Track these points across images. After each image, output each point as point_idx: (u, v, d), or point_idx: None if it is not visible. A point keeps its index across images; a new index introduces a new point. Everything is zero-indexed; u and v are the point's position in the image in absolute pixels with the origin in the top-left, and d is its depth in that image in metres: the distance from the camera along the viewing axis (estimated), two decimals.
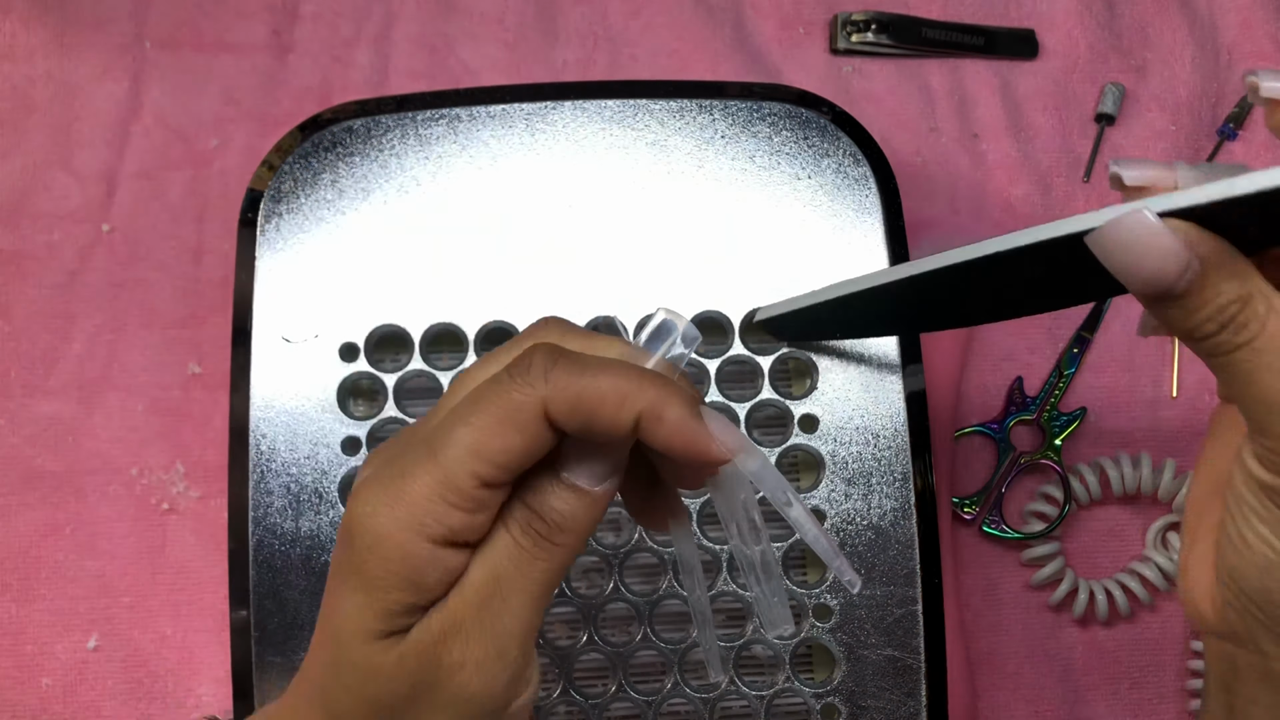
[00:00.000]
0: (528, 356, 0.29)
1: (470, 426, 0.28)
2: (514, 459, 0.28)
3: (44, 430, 0.51)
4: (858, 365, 0.45)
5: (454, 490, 0.28)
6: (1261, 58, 0.57)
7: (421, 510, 0.28)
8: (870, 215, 0.46)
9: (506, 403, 0.28)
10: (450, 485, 0.28)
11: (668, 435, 0.29)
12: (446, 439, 0.29)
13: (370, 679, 0.30)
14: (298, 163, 0.46)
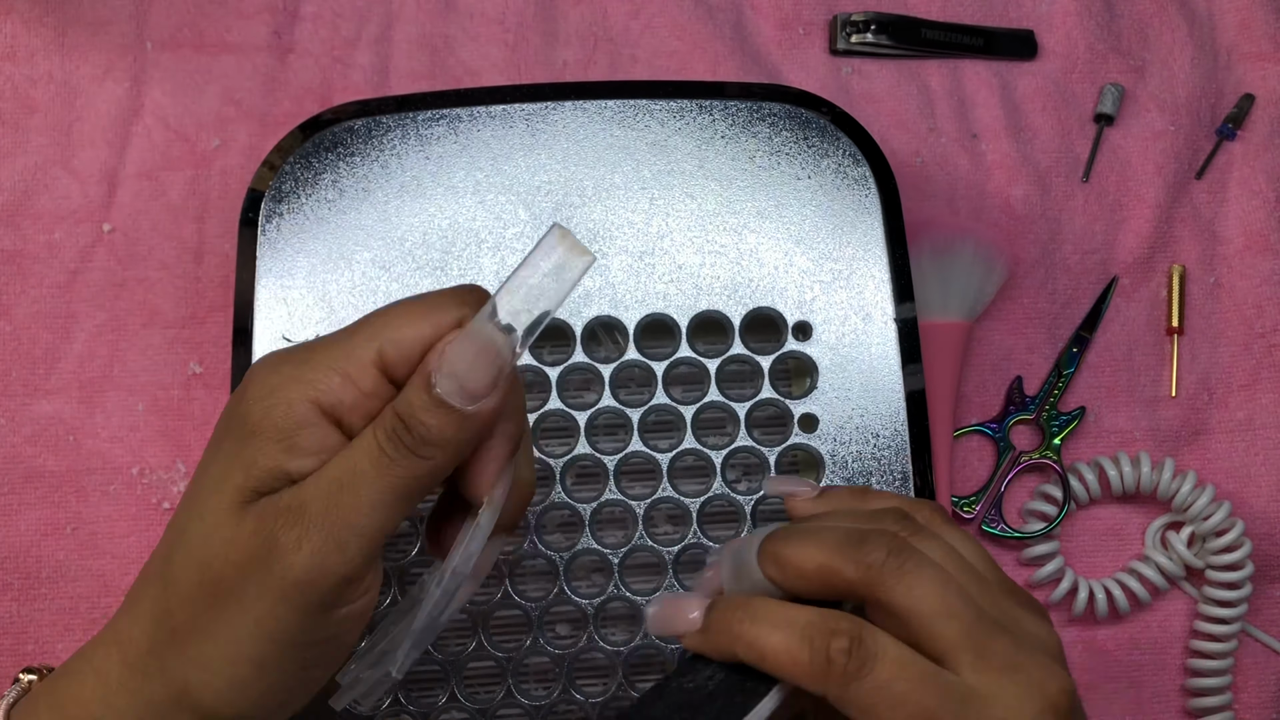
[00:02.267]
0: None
1: (383, 314, 0.30)
2: (417, 348, 0.29)
3: (45, 430, 0.51)
4: (858, 365, 0.45)
5: (354, 362, 0.29)
6: (1260, 58, 0.58)
7: (317, 375, 0.29)
8: (870, 215, 0.46)
9: (425, 301, 0.30)
10: (351, 357, 0.29)
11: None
12: (358, 323, 0.30)
13: (209, 541, 0.29)
14: (298, 163, 0.46)
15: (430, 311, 0.30)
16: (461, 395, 0.29)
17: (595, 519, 0.44)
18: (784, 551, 0.32)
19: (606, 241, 0.46)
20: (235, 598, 0.29)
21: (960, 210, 0.55)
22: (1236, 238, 0.56)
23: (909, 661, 0.29)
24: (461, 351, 0.29)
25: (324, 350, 0.30)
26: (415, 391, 0.29)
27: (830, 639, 0.29)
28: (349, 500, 0.29)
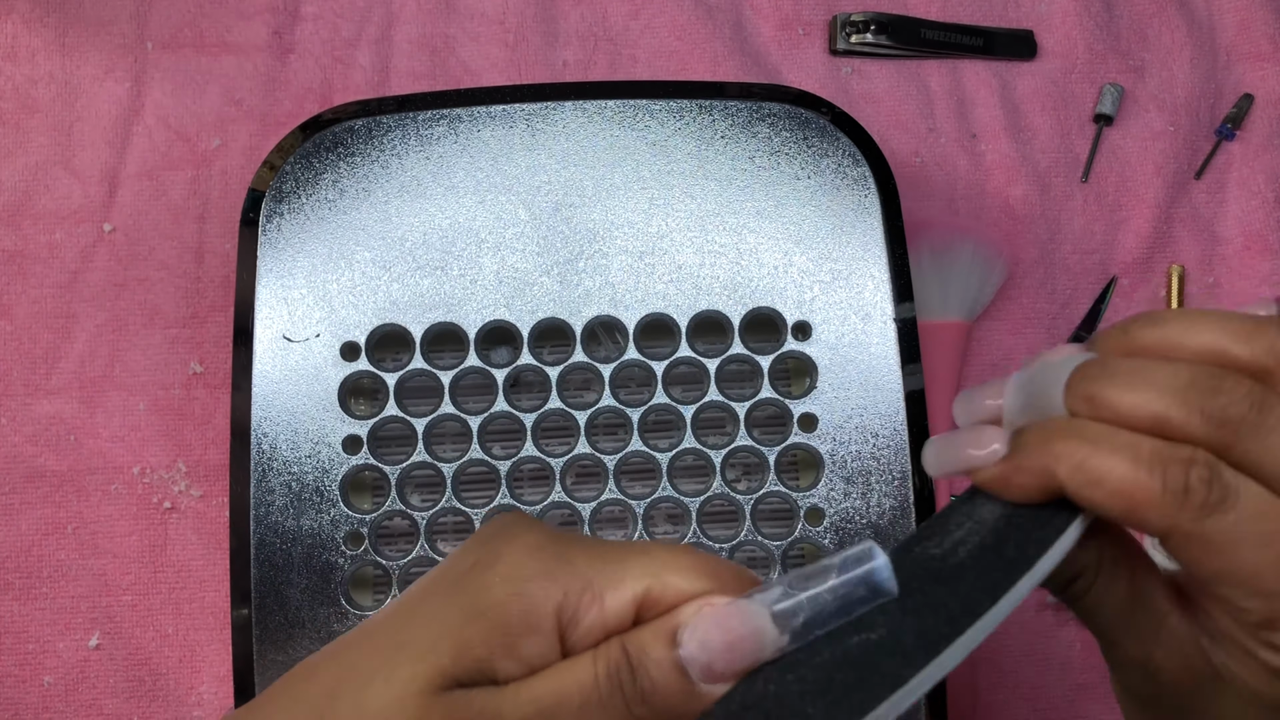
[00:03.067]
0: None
1: (667, 554, 0.27)
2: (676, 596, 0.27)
3: (46, 429, 0.51)
4: (857, 365, 0.45)
5: (617, 589, 0.26)
6: (1260, 58, 0.58)
7: (573, 583, 0.27)
8: (869, 215, 0.46)
9: (717, 563, 0.27)
10: (617, 583, 0.26)
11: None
12: (634, 550, 0.27)
13: (387, 711, 0.26)
14: (299, 163, 0.46)
15: (718, 575, 0.27)
16: (704, 671, 0.26)
17: (595, 519, 0.44)
18: (1106, 393, 0.26)
19: (606, 241, 0.46)
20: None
21: (960, 210, 0.55)
22: (1235, 238, 0.56)
23: (1275, 500, 0.25)
24: (726, 626, 0.26)
25: (589, 559, 0.27)
26: (655, 640, 0.26)
27: (1188, 467, 0.25)
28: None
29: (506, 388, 0.45)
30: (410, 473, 0.44)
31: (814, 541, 0.44)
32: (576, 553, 0.27)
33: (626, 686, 0.26)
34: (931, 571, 0.27)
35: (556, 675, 0.26)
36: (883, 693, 0.24)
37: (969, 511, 0.28)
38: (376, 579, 0.45)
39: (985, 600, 0.25)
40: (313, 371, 0.44)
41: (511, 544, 0.28)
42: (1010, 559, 0.26)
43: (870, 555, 0.26)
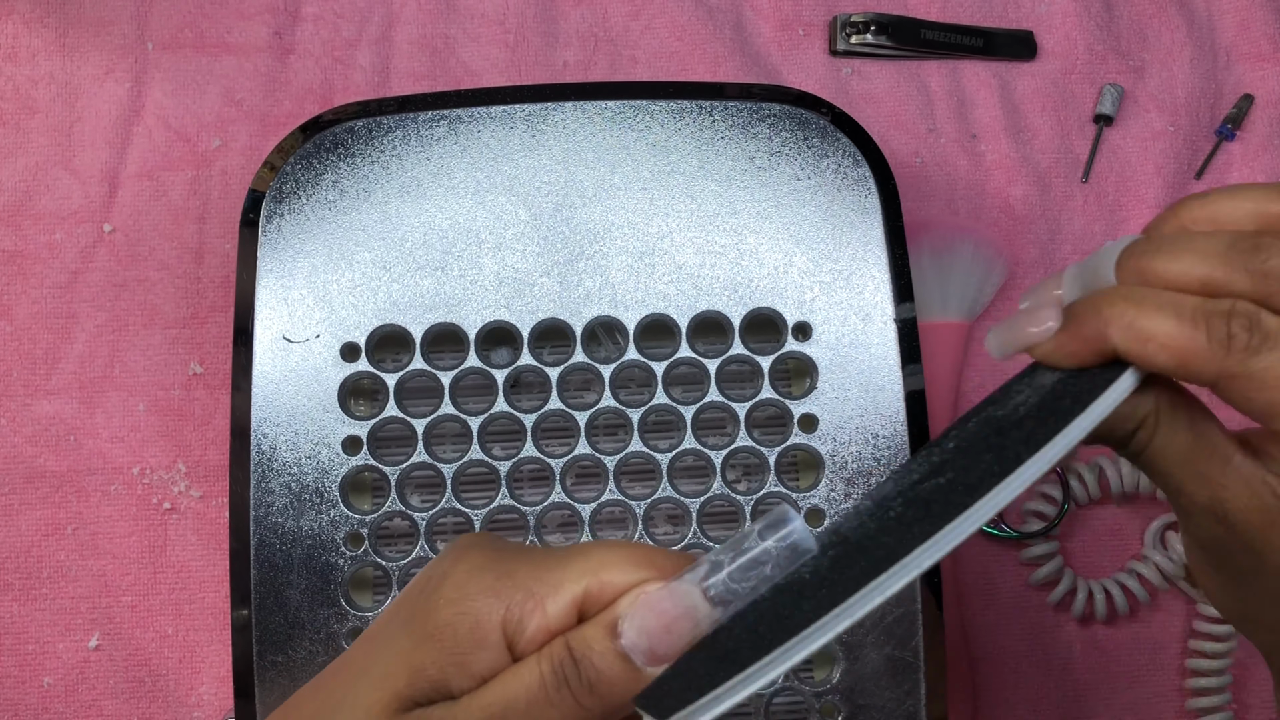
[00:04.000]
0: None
1: (601, 552, 0.28)
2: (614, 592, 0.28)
3: (46, 430, 0.51)
4: (857, 365, 0.45)
5: (557, 594, 0.28)
6: (1259, 58, 0.58)
7: (515, 596, 0.28)
8: (869, 216, 0.46)
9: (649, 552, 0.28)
10: (557, 588, 0.28)
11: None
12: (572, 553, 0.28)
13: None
14: (299, 163, 0.46)
15: (654, 563, 0.28)
16: (647, 655, 0.27)
17: (595, 519, 0.44)
18: (1153, 264, 0.28)
19: (606, 241, 0.46)
20: None
21: (960, 210, 0.55)
22: None
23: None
24: (660, 609, 0.27)
25: (530, 570, 0.28)
26: (597, 633, 0.27)
27: (1228, 318, 0.27)
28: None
29: (507, 388, 0.45)
30: (410, 473, 0.44)
31: None
32: (518, 565, 0.28)
33: (572, 681, 0.27)
34: (993, 426, 0.29)
35: (503, 682, 0.27)
36: (951, 513, 0.26)
37: (1029, 381, 0.30)
38: (376, 580, 0.45)
39: (1045, 437, 0.27)
40: (313, 372, 0.44)
41: (456, 566, 0.29)
42: (1067, 409, 0.28)
43: (786, 520, 0.27)
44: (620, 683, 0.27)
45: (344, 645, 0.43)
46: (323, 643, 0.43)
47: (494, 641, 0.28)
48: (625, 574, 0.28)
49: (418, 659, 0.28)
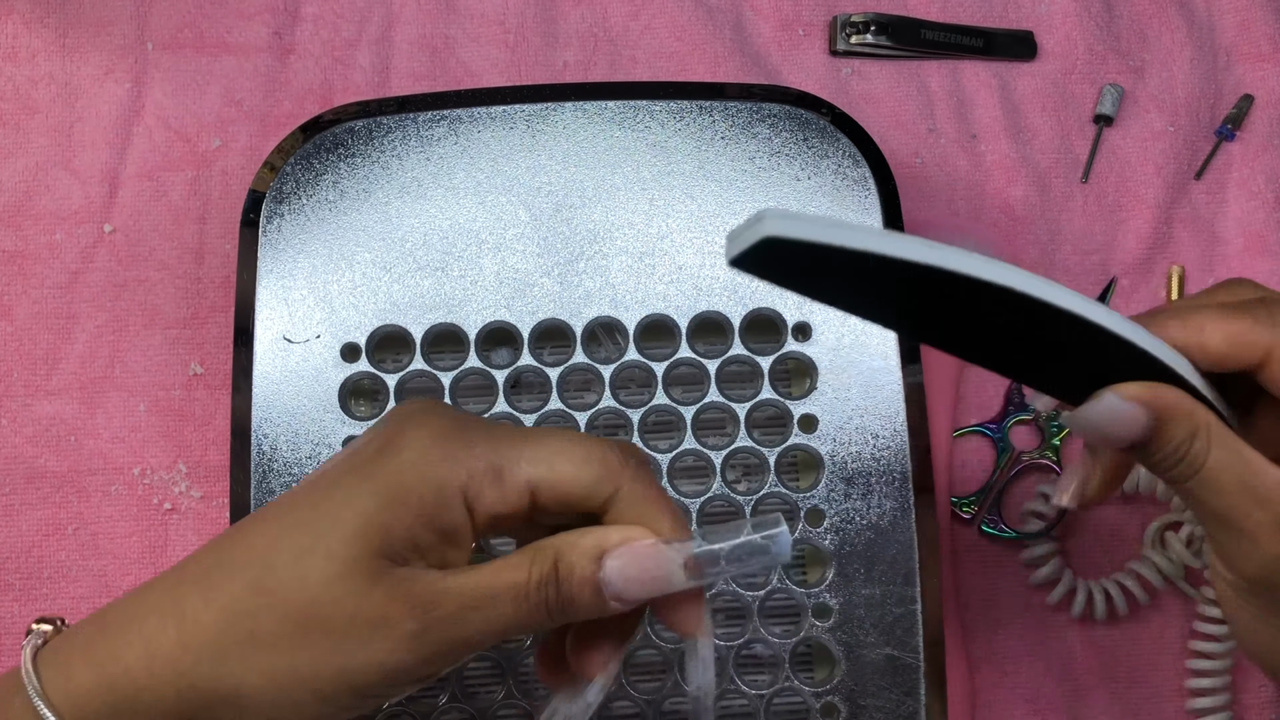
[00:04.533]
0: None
1: (556, 441, 0.31)
2: (574, 491, 0.30)
3: (46, 430, 0.51)
4: (858, 365, 0.45)
5: (512, 472, 0.30)
6: (1260, 58, 0.58)
7: (475, 464, 0.30)
8: (869, 216, 0.46)
9: (599, 449, 0.31)
10: (512, 465, 0.30)
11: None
12: (528, 436, 0.31)
13: (330, 586, 0.29)
14: (299, 164, 0.46)
15: (605, 462, 0.31)
16: (616, 595, 0.30)
17: None
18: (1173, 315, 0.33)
19: (606, 242, 0.46)
20: (327, 643, 0.30)
21: (960, 211, 0.55)
22: (1236, 239, 0.56)
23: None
24: (643, 564, 0.30)
25: (490, 443, 0.31)
26: (584, 561, 0.30)
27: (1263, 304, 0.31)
28: (473, 620, 0.30)
29: (507, 389, 0.45)
30: None
31: (814, 543, 0.44)
32: (478, 437, 0.31)
33: (550, 595, 0.30)
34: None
35: (494, 571, 0.30)
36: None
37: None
38: None
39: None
40: (313, 372, 0.44)
41: (418, 430, 0.31)
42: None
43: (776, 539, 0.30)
44: (585, 608, 0.30)
45: None
46: None
47: (457, 505, 0.30)
48: (577, 468, 0.30)
49: (385, 519, 0.29)
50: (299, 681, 0.30)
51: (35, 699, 0.30)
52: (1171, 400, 0.31)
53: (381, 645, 0.29)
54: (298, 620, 0.30)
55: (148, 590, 0.32)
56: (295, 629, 0.30)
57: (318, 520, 0.30)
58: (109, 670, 0.30)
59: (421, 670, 0.30)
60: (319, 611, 0.29)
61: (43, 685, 0.30)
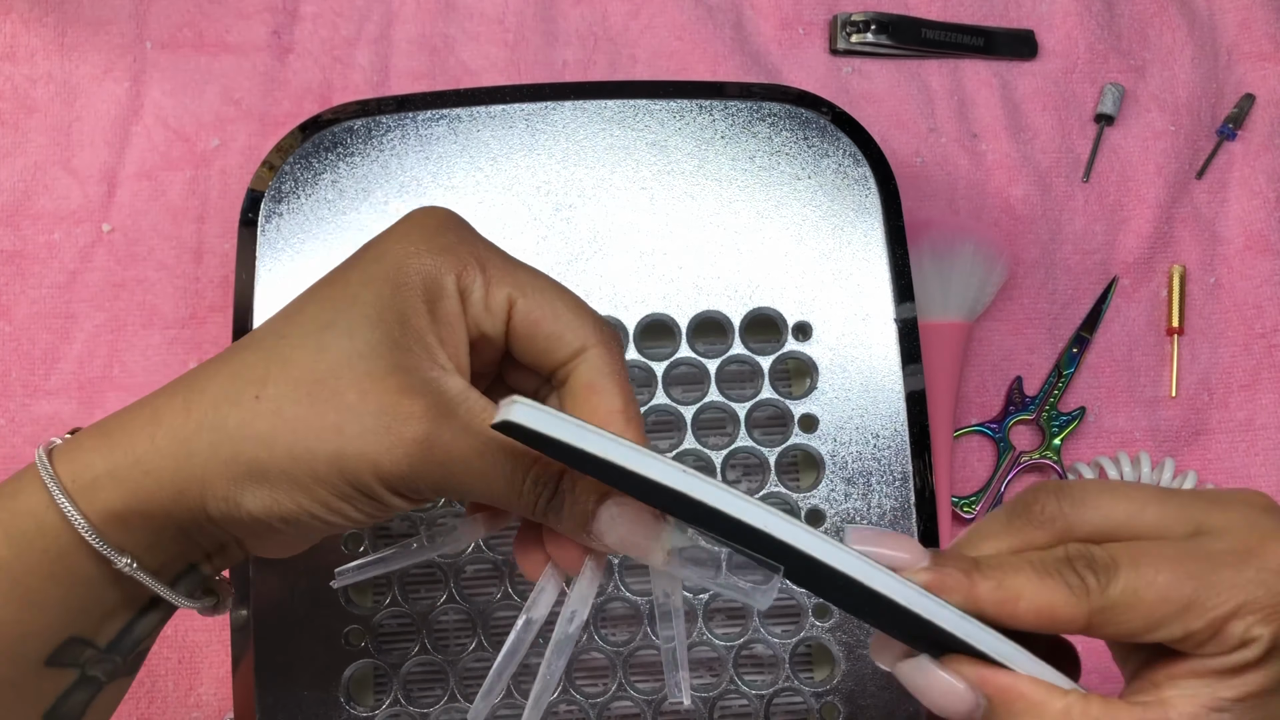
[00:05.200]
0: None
1: (538, 278, 0.31)
2: (544, 330, 0.31)
3: (45, 430, 0.51)
4: (858, 365, 0.45)
5: (496, 290, 0.31)
6: (1261, 58, 0.58)
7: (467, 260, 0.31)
8: (870, 215, 0.46)
9: (578, 299, 0.32)
10: (494, 282, 0.31)
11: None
12: (521, 264, 0.32)
13: (351, 361, 0.29)
14: (298, 163, 0.46)
15: (579, 312, 0.31)
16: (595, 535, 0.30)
17: None
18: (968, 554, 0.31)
19: (606, 241, 0.46)
20: (332, 418, 0.29)
21: (960, 210, 0.55)
22: (1236, 238, 0.56)
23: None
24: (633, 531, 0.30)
25: (484, 246, 0.32)
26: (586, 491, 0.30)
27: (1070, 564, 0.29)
28: (474, 465, 0.29)
29: None
30: None
31: None
32: (474, 238, 0.32)
33: (541, 502, 0.30)
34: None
35: (505, 449, 0.29)
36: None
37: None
38: (376, 579, 0.45)
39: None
40: None
41: (421, 219, 0.32)
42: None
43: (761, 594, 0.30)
44: (565, 526, 0.30)
45: (344, 645, 0.43)
46: (323, 641, 0.43)
47: (452, 293, 0.30)
48: (554, 305, 0.31)
49: (399, 304, 0.30)
50: (293, 456, 0.29)
51: (47, 481, 0.30)
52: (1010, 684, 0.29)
53: (383, 440, 0.29)
54: (309, 388, 0.29)
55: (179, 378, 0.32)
56: (304, 396, 0.29)
57: (335, 300, 0.30)
58: (118, 452, 0.30)
59: (410, 484, 0.29)
60: (332, 384, 0.29)
61: (56, 472, 0.30)
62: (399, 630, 0.44)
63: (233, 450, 0.29)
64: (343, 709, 0.43)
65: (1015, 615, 0.29)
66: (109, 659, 0.32)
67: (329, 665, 0.43)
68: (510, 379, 0.33)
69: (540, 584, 0.32)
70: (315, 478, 0.29)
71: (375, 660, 0.43)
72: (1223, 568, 0.28)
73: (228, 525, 0.30)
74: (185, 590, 0.32)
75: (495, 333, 0.31)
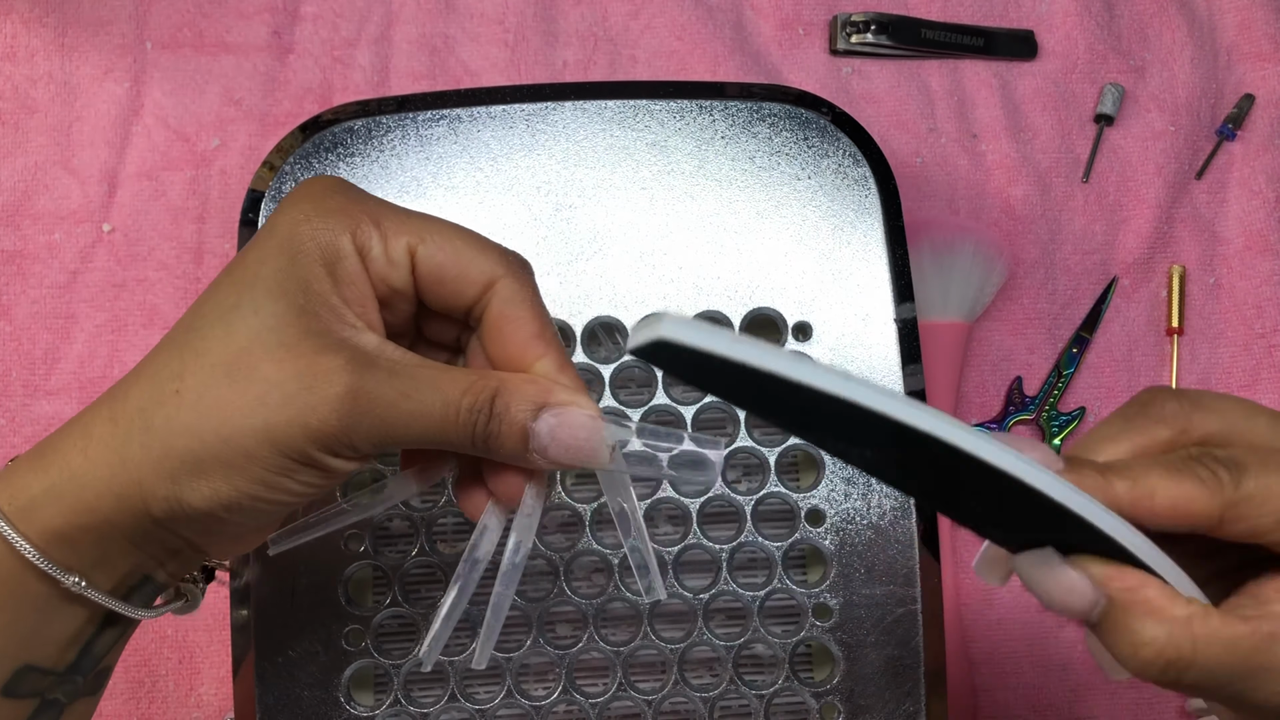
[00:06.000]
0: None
1: (433, 222, 0.31)
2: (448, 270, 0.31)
3: (45, 430, 0.51)
4: (858, 365, 0.45)
5: (394, 241, 0.30)
6: (1260, 58, 0.58)
7: (360, 218, 0.30)
8: (870, 215, 0.46)
9: (477, 234, 0.32)
10: (391, 234, 0.30)
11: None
12: (413, 214, 0.31)
13: (262, 336, 0.29)
14: (299, 163, 0.46)
15: (480, 246, 0.31)
16: (540, 450, 0.30)
17: (595, 519, 0.44)
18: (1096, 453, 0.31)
19: (606, 241, 0.46)
20: (252, 394, 0.29)
21: (960, 210, 0.55)
22: (1236, 238, 0.56)
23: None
24: (575, 434, 0.30)
25: (374, 202, 0.31)
26: (523, 404, 0.30)
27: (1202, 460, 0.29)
28: (402, 406, 0.29)
29: None
30: None
31: (814, 543, 0.44)
32: (363, 197, 0.31)
33: (479, 422, 0.30)
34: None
35: (435, 372, 0.30)
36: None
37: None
38: (376, 579, 0.45)
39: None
40: None
41: (307, 188, 0.31)
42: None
43: (712, 461, 0.31)
44: (506, 451, 0.30)
45: (344, 645, 0.43)
46: (323, 642, 0.43)
47: (350, 253, 0.30)
48: (452, 243, 0.31)
49: (299, 272, 0.30)
50: (223, 439, 0.29)
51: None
52: (1135, 584, 0.29)
53: (307, 400, 0.28)
54: (225, 370, 0.29)
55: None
56: (222, 378, 0.29)
57: (236, 282, 0.30)
58: (52, 471, 0.30)
59: (345, 440, 0.29)
60: (246, 360, 0.29)
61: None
62: (399, 630, 0.44)
63: (164, 447, 0.29)
64: (343, 709, 0.43)
65: (1152, 511, 0.29)
66: (69, 680, 0.32)
67: (329, 665, 0.43)
68: (429, 332, 0.33)
69: (482, 523, 0.32)
70: (248, 456, 0.29)
71: (375, 660, 0.43)
72: None
73: (174, 525, 0.30)
74: (141, 601, 0.32)
75: (403, 284, 0.31)
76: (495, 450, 0.30)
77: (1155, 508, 0.29)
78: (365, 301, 0.30)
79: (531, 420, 0.30)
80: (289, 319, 0.29)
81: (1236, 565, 0.30)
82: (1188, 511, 0.28)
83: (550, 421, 0.30)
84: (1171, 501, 0.28)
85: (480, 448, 0.30)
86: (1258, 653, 0.28)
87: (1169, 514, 0.29)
